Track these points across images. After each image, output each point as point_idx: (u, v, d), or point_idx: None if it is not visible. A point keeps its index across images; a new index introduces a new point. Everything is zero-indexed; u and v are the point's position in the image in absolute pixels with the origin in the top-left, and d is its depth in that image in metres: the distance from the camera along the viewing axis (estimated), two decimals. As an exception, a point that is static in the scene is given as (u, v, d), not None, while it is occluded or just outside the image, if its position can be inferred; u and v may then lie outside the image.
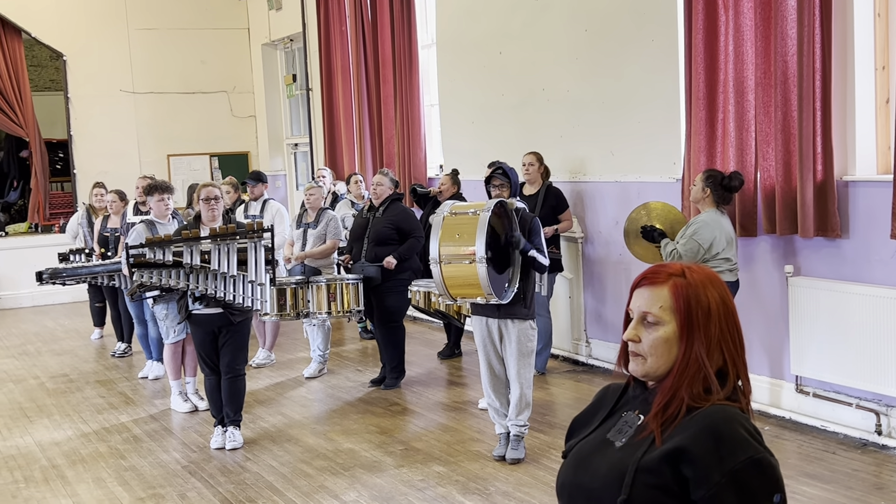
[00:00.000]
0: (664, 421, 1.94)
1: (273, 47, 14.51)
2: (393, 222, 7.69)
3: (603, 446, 2.03)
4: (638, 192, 7.30)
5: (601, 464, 1.99)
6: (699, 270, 2.03)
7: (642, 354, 2.00)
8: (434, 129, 10.59)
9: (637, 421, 2.01)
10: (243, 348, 6.38)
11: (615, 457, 1.97)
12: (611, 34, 7.63)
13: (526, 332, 5.73)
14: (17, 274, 12.78)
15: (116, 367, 9.08)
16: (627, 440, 1.99)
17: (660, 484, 1.88)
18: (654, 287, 2.01)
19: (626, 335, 2.03)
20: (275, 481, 5.68)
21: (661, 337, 1.98)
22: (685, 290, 1.98)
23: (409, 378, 7.90)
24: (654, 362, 1.99)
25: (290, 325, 10.14)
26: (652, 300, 2.00)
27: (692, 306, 1.97)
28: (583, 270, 8.14)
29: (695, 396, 1.95)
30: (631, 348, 2.03)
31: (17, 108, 13.48)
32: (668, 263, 2.07)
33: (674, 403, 1.95)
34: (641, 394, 2.06)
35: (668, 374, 1.99)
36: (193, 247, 5.96)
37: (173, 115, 14.24)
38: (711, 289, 2.00)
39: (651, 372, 2.01)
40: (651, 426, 1.95)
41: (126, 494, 5.59)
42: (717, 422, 1.90)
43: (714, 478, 1.84)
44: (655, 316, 1.99)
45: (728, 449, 1.86)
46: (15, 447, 6.65)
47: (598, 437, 2.07)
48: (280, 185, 14.43)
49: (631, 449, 1.96)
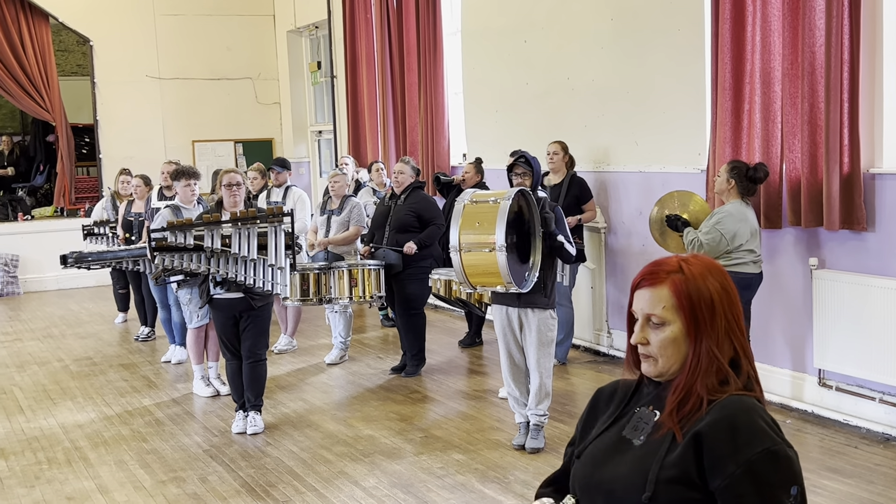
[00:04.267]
0: (682, 417, 1.93)
1: (298, 34, 14.53)
2: (414, 210, 7.69)
3: (620, 444, 2.01)
4: (662, 183, 7.26)
5: (621, 463, 1.98)
6: (696, 262, 2.00)
7: (653, 356, 1.99)
8: (458, 118, 10.57)
9: (653, 417, 1.99)
10: (264, 333, 6.41)
11: (636, 455, 1.96)
12: (637, 23, 7.58)
13: (546, 321, 5.72)
14: (42, 257, 12.89)
15: (139, 351, 9.15)
16: (646, 438, 1.97)
17: (683, 477, 1.87)
18: (655, 287, 1.98)
19: (633, 339, 2.02)
20: (295, 466, 5.71)
21: (669, 337, 1.96)
22: (685, 285, 1.96)
23: (430, 366, 7.91)
24: (666, 362, 1.98)
25: (311, 312, 10.18)
26: (654, 301, 1.98)
27: (695, 302, 1.95)
28: (606, 261, 8.11)
29: (711, 390, 1.93)
30: (641, 350, 2.01)
31: (45, 92, 13.58)
32: (663, 260, 2.04)
33: (690, 400, 1.93)
34: (655, 390, 2.04)
35: (680, 371, 1.97)
36: (214, 231, 5.99)
37: (199, 101, 14.30)
38: (711, 279, 1.98)
39: (664, 372, 2.00)
40: (668, 423, 1.93)
41: (148, 477, 5.63)
42: (734, 412, 1.89)
43: (730, 468, 1.83)
44: (660, 317, 1.97)
45: (745, 439, 1.85)
46: (38, 429, 6.71)
47: (612, 435, 2.05)
48: (304, 173, 14.46)
49: (652, 447, 1.94)
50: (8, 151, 15.39)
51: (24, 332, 10.30)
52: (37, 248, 13.03)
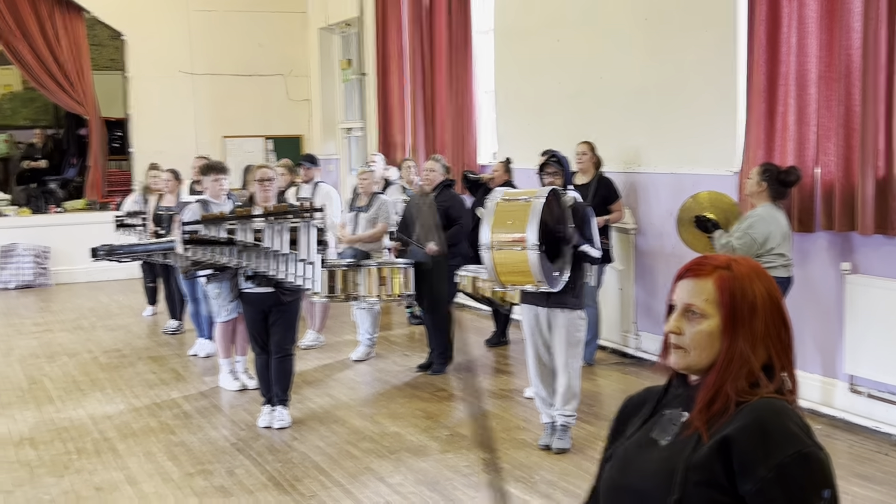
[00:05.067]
0: (710, 417, 1.90)
1: (330, 31, 14.57)
2: (443, 208, 7.70)
3: (648, 446, 1.99)
4: (693, 184, 7.21)
5: (648, 463, 1.95)
6: (745, 263, 1.98)
7: (684, 347, 1.96)
8: (488, 117, 10.55)
9: (681, 418, 1.97)
10: (293, 328, 6.44)
11: (662, 455, 1.94)
12: (671, 23, 7.54)
13: (574, 321, 5.71)
14: (73, 249, 12.97)
15: (168, 344, 9.21)
16: (673, 438, 1.95)
17: (710, 480, 1.85)
18: (699, 279, 1.97)
19: (667, 327, 1.99)
20: (321, 461, 5.73)
21: (705, 330, 1.94)
22: (730, 283, 1.94)
23: (456, 364, 7.91)
24: (696, 355, 1.95)
25: (338, 308, 10.18)
26: (696, 292, 1.96)
27: (737, 300, 1.93)
28: (634, 262, 8.07)
29: (741, 392, 1.90)
30: (673, 340, 1.98)
31: (78, 86, 13.70)
32: (713, 255, 2.02)
33: (719, 399, 1.90)
34: (684, 391, 2.02)
35: (710, 369, 1.95)
36: (246, 225, 6.03)
37: (230, 96, 14.37)
38: (758, 282, 1.95)
39: (693, 365, 1.97)
40: (696, 423, 1.91)
41: (175, 469, 5.67)
42: (764, 415, 1.86)
43: (760, 472, 1.80)
44: (699, 308, 1.94)
45: (775, 442, 1.82)
46: (68, 419, 6.78)
47: (641, 437, 2.02)
48: (333, 170, 14.49)
49: (678, 447, 1.92)
50: (41, 144, 15.54)
51: (54, 323, 10.40)
52: (68, 240, 13.14)
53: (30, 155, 15.40)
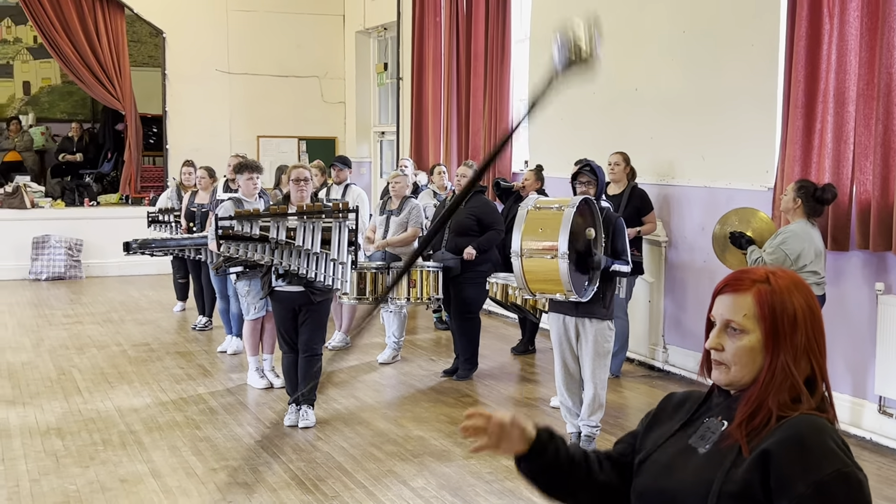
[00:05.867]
0: (750, 430, 1.89)
1: (367, 35, 14.63)
2: (474, 214, 7.70)
3: (685, 452, 1.98)
4: (727, 199, 7.17)
5: (685, 471, 1.95)
6: (784, 276, 1.96)
7: (726, 363, 1.95)
8: (521, 125, 10.55)
9: (721, 427, 1.96)
10: (322, 328, 6.46)
11: (699, 464, 1.93)
12: (710, 36, 7.50)
13: (603, 332, 5.69)
14: (105, 243, 13.11)
15: (196, 340, 9.27)
16: (712, 447, 1.94)
17: (746, 493, 1.84)
18: (738, 294, 1.95)
19: (708, 344, 1.98)
20: (344, 462, 5.74)
21: (746, 346, 1.92)
22: (770, 297, 1.92)
23: (482, 371, 7.90)
24: (738, 371, 1.94)
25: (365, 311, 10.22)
26: (735, 308, 1.94)
27: (777, 314, 1.91)
28: (665, 275, 8.03)
29: (782, 406, 1.89)
30: (714, 357, 1.97)
31: (116, 81, 13.85)
32: (752, 269, 2.00)
33: (760, 413, 1.89)
34: (725, 401, 2.01)
35: (752, 383, 1.93)
36: (280, 222, 6.06)
37: (265, 97, 14.47)
38: (797, 295, 1.93)
39: (735, 381, 1.95)
40: (735, 435, 1.90)
41: (199, 464, 5.70)
42: (804, 431, 1.85)
43: (798, 488, 1.79)
44: (739, 324, 1.93)
45: (815, 459, 1.81)
46: (95, 410, 6.83)
47: (678, 443, 2.02)
48: (364, 172, 14.55)
49: (717, 457, 1.91)
50: (77, 138, 15.71)
51: (84, 316, 10.50)
52: (101, 233, 13.27)
53: (66, 148, 15.59)
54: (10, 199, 13.31)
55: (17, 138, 15.54)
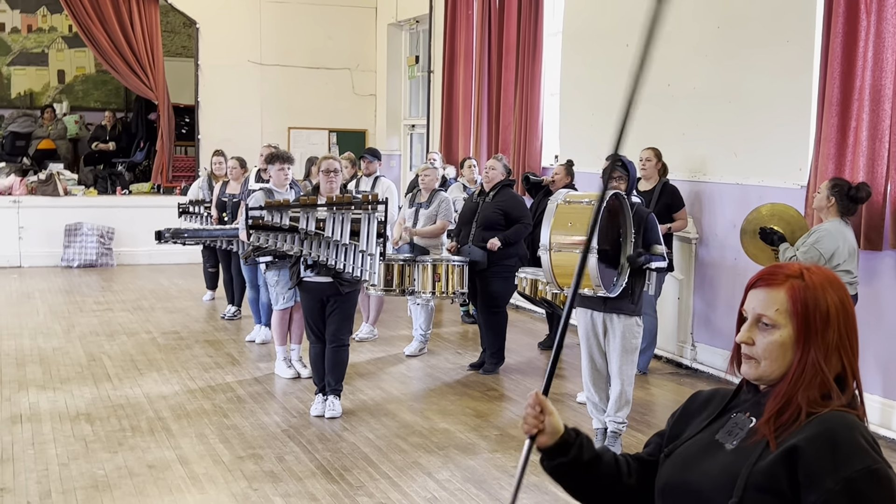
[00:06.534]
0: (779, 426, 1.88)
1: (399, 27, 14.63)
2: (502, 208, 7.68)
3: (712, 448, 1.97)
4: (759, 196, 7.11)
5: (711, 465, 1.94)
6: (818, 272, 1.95)
7: (756, 357, 1.94)
8: (552, 119, 10.51)
9: (749, 423, 1.95)
10: (349, 319, 6.48)
11: (726, 459, 1.92)
12: (744, 32, 7.44)
13: (631, 328, 5.66)
14: (136, 231, 13.24)
15: (225, 329, 9.33)
16: (739, 443, 1.93)
17: (773, 487, 1.83)
18: (771, 288, 1.94)
19: (739, 337, 1.97)
20: (370, 453, 5.75)
21: (777, 341, 1.91)
22: (803, 292, 1.90)
23: (508, 365, 7.90)
24: (768, 366, 1.93)
25: (393, 303, 10.24)
26: (768, 302, 1.93)
27: (810, 310, 1.89)
28: (695, 272, 7.98)
29: (812, 402, 1.88)
30: (744, 350, 1.96)
31: (149, 71, 13.95)
32: (786, 264, 1.99)
33: (789, 409, 1.88)
34: (753, 397, 2.00)
35: (782, 379, 1.92)
36: (310, 213, 6.08)
37: (297, 88, 14.52)
38: (831, 292, 1.92)
39: (764, 376, 1.94)
40: (763, 431, 1.89)
41: (227, 452, 5.74)
42: (834, 427, 1.83)
43: (827, 484, 1.78)
44: (771, 319, 1.92)
45: (844, 456, 1.79)
46: (124, 397, 6.89)
47: (705, 438, 2.01)
48: (394, 165, 14.56)
49: (744, 452, 1.90)
50: (111, 126, 15.85)
51: (115, 303, 10.59)
52: (132, 222, 13.39)
53: (99, 137, 15.73)
54: (43, 186, 13.45)
55: (51, 126, 15.70)
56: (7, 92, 16.45)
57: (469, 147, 11.72)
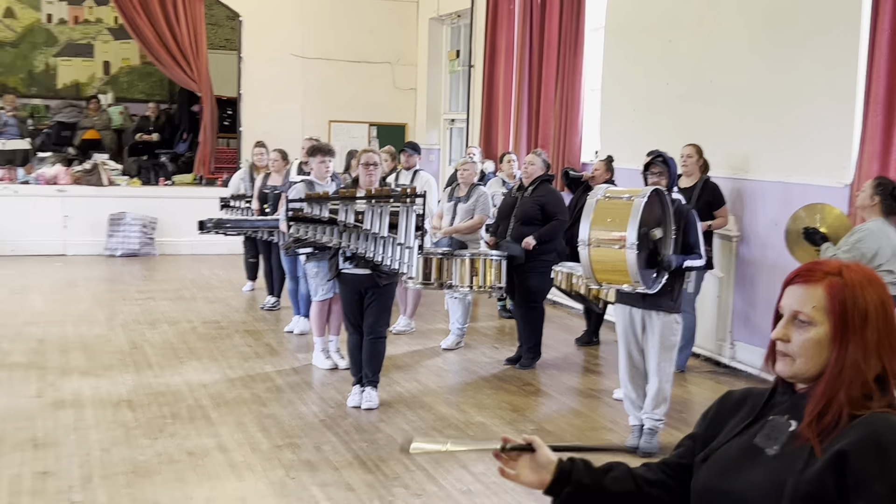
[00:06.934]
0: (822, 429, 1.85)
1: (440, 22, 14.65)
2: (540, 202, 7.67)
3: (752, 452, 1.94)
4: (802, 195, 7.03)
5: (754, 472, 1.90)
6: (858, 270, 1.92)
7: (791, 355, 1.92)
8: (592, 115, 10.48)
9: (788, 427, 1.92)
10: (387, 311, 6.52)
11: (770, 466, 1.89)
12: (789, 28, 7.36)
13: (670, 325, 5.63)
14: (179, 222, 13.38)
15: (264, 319, 9.41)
16: (781, 448, 1.90)
17: (821, 494, 1.80)
18: (809, 285, 1.91)
19: (774, 334, 1.94)
20: (406, 445, 5.78)
21: (813, 338, 1.89)
22: (842, 290, 1.88)
23: (545, 360, 7.89)
24: (804, 364, 1.91)
25: (431, 296, 10.27)
26: (805, 299, 1.91)
27: (848, 308, 1.87)
28: (735, 270, 7.92)
29: (853, 403, 1.85)
30: (779, 348, 1.94)
31: (193, 63, 14.09)
32: (824, 261, 1.96)
33: (831, 411, 1.85)
34: (790, 398, 1.97)
35: (818, 378, 1.90)
36: (349, 205, 6.13)
37: (338, 81, 14.59)
38: (870, 290, 1.89)
39: (800, 374, 1.92)
40: (806, 434, 1.86)
41: (265, 440, 5.80)
42: (880, 430, 1.80)
43: (876, 489, 1.75)
44: (807, 316, 1.89)
45: (893, 460, 1.76)
46: (165, 384, 6.99)
47: (743, 442, 1.97)
48: (433, 160, 14.58)
49: (787, 458, 1.87)
50: (154, 118, 16.04)
51: (157, 292, 10.73)
52: (174, 212, 13.54)
53: (143, 127, 15.93)
54: (88, 176, 13.64)
55: (96, 117, 15.92)
56: (54, 83, 16.71)
57: (508, 142, 11.71)
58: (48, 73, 16.66)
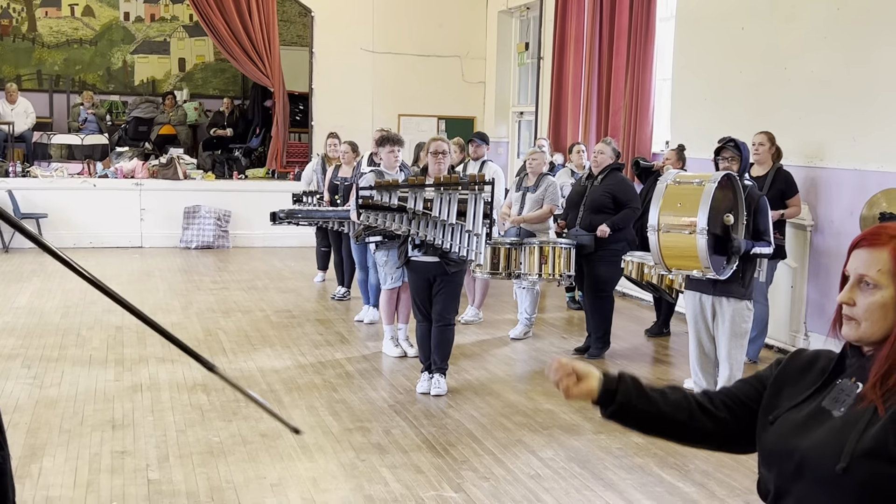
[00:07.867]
0: (886, 391, 1.85)
1: (509, 14, 14.64)
2: (610, 191, 7.64)
3: (819, 414, 1.95)
4: (878, 182, 6.89)
5: (819, 432, 1.92)
6: None
7: (856, 318, 1.92)
8: (663, 105, 10.38)
9: (855, 389, 1.93)
10: (455, 299, 6.56)
11: (834, 426, 1.90)
12: (865, 13, 7.21)
13: (741, 312, 5.57)
14: (252, 215, 13.62)
15: (335, 309, 9.54)
16: (847, 410, 1.91)
17: (881, 451, 1.81)
18: (874, 249, 1.91)
19: (840, 297, 1.95)
20: (474, 430, 5.82)
21: (878, 301, 1.89)
22: None
23: (614, 350, 7.86)
24: (869, 327, 1.91)
25: (498, 287, 10.29)
26: (870, 262, 1.90)
27: None
28: (809, 260, 7.78)
29: None
30: (845, 311, 1.94)
31: (266, 59, 14.32)
32: (890, 224, 1.96)
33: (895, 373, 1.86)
34: (858, 361, 1.97)
35: (884, 341, 1.89)
36: (418, 193, 6.18)
37: (407, 76, 14.69)
38: None
39: (865, 337, 1.92)
40: (870, 396, 1.86)
41: (335, 424, 5.89)
42: None
43: None
44: (873, 279, 1.89)
45: None
46: (238, 370, 7.13)
47: (812, 404, 1.99)
48: (502, 153, 14.59)
49: (852, 418, 1.88)
50: (228, 113, 16.33)
51: (230, 283, 10.94)
52: (248, 206, 13.79)
53: (217, 123, 16.23)
54: (164, 170, 13.96)
55: (171, 112, 16.28)
56: (130, 79, 17.13)
57: (577, 133, 11.67)
58: (125, 70, 17.09)
